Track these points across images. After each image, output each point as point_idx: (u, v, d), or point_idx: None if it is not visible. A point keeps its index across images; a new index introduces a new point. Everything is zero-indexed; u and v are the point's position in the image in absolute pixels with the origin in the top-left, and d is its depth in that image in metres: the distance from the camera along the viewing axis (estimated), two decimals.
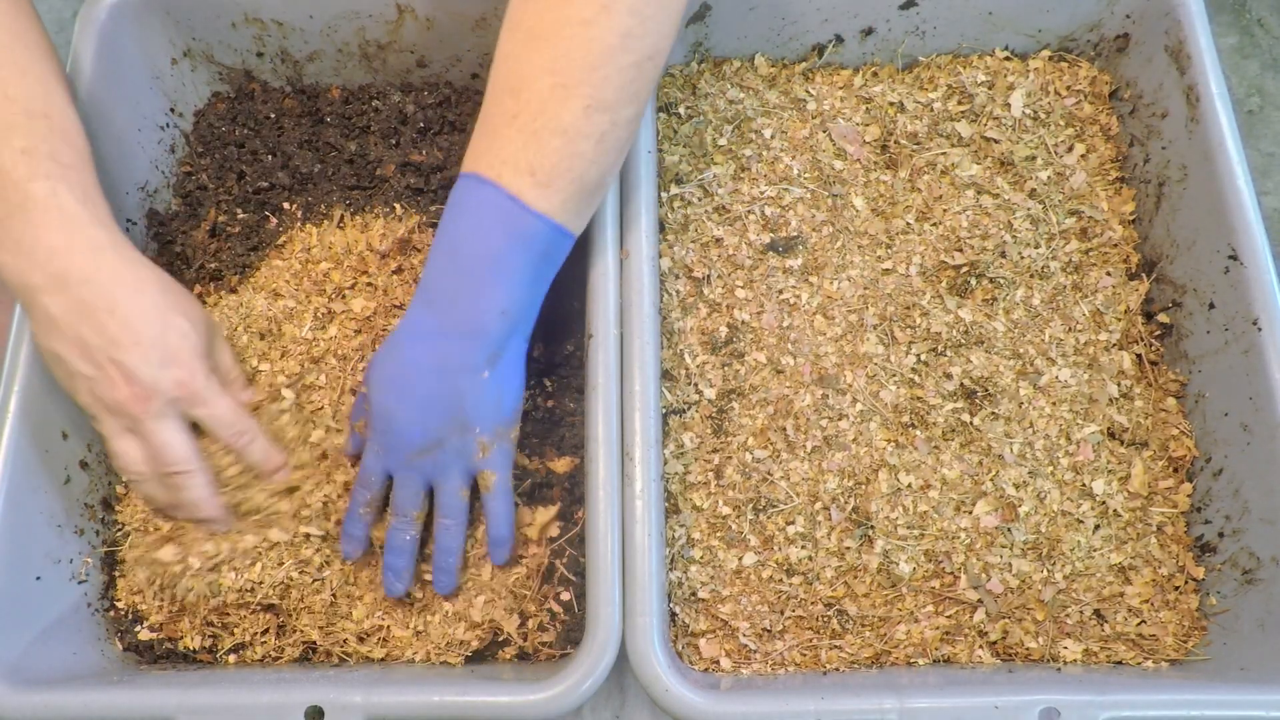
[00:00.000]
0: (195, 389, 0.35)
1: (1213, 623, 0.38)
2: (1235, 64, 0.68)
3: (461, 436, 0.35)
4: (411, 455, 0.35)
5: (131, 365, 0.33)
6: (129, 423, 0.35)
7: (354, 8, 0.45)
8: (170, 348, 0.34)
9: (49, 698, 0.34)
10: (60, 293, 0.33)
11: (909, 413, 0.41)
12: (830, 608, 0.38)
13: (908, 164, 0.46)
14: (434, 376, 0.34)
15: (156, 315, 0.34)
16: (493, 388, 0.35)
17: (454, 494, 0.36)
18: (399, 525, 0.37)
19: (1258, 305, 0.38)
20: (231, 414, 0.36)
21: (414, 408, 0.35)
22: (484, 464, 0.36)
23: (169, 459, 0.35)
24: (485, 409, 0.35)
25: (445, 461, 0.36)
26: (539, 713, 0.32)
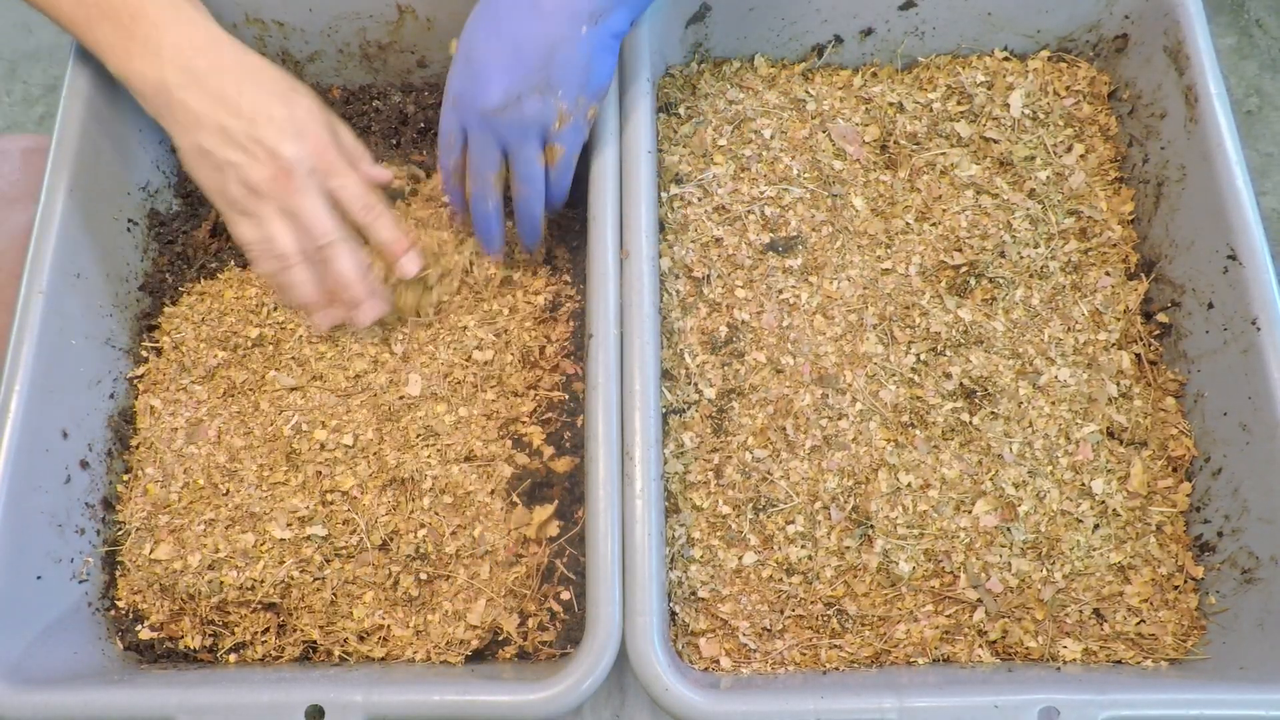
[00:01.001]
0: (330, 159, 0.36)
1: (1212, 622, 0.38)
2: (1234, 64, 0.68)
3: (542, 99, 0.34)
4: (488, 113, 0.34)
5: (272, 141, 0.35)
6: (277, 203, 0.36)
7: (355, 8, 0.45)
8: (302, 124, 0.36)
9: (49, 697, 0.34)
10: (195, 86, 0.35)
11: (908, 412, 0.41)
12: (830, 607, 0.38)
13: (907, 164, 0.46)
14: (528, 22, 0.33)
15: (283, 97, 0.36)
16: (585, 49, 0.34)
17: (531, 160, 0.36)
18: (479, 190, 0.37)
19: (1256, 305, 0.38)
20: (361, 187, 0.37)
21: (501, 51, 0.33)
22: (557, 136, 0.35)
23: (319, 229, 0.36)
24: (573, 70, 0.34)
25: (522, 123, 0.34)
26: (539, 712, 0.32)
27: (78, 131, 0.42)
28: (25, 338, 0.38)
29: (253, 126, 0.35)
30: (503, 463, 0.40)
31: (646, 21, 0.44)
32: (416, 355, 0.42)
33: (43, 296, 0.39)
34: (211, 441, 0.42)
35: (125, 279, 0.44)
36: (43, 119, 1.02)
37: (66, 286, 0.40)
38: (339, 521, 0.40)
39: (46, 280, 0.39)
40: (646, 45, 0.43)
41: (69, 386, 0.40)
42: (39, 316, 0.39)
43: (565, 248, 0.45)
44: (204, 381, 0.43)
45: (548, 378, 0.42)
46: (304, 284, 0.37)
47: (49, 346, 0.39)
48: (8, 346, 0.38)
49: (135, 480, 0.42)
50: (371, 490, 0.40)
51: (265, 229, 0.36)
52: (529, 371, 0.42)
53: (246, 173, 0.35)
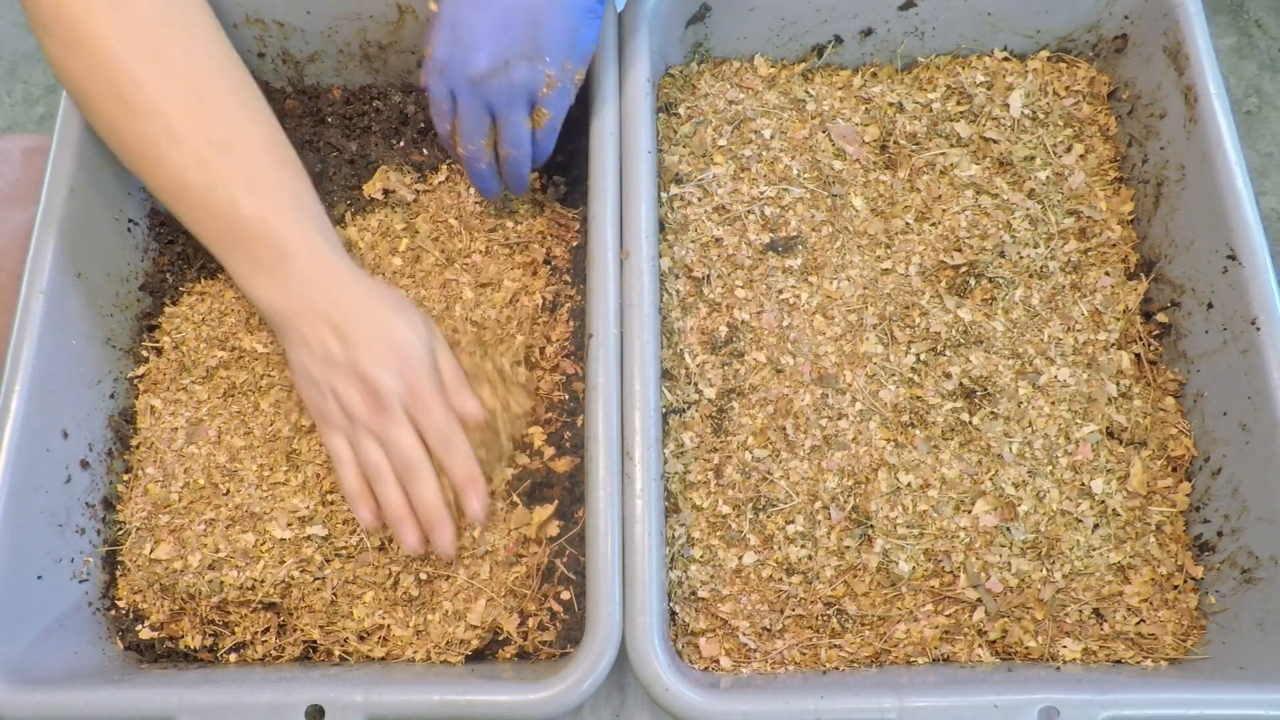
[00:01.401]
0: (421, 394, 0.37)
1: (1212, 622, 0.38)
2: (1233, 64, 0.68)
3: (530, 64, 0.35)
4: (475, 76, 0.35)
5: (368, 369, 0.36)
6: (370, 427, 0.37)
7: (355, 9, 0.45)
8: (399, 350, 0.37)
9: (50, 697, 0.34)
10: (312, 315, 0.37)
11: (908, 412, 0.41)
12: (830, 607, 0.38)
13: (907, 164, 0.46)
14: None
15: (386, 324, 0.37)
16: (571, 15, 0.34)
17: (519, 125, 0.36)
18: (472, 153, 0.38)
19: (1256, 305, 0.38)
20: (444, 420, 0.37)
21: (488, 18, 0.34)
22: (544, 101, 0.36)
23: (404, 458, 0.37)
24: (560, 36, 0.34)
25: (511, 88, 0.35)
26: (539, 712, 0.32)
27: (78, 131, 0.42)
28: (26, 337, 0.38)
29: (352, 353, 0.36)
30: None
31: (646, 22, 0.44)
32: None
33: (43, 296, 0.39)
34: (212, 441, 0.42)
35: (126, 279, 0.44)
36: (43, 119, 1.02)
37: (67, 286, 0.40)
38: (339, 521, 0.40)
39: (47, 280, 0.39)
40: (646, 45, 0.43)
41: (69, 386, 0.40)
42: (39, 316, 0.39)
43: (565, 247, 0.45)
44: (204, 381, 0.43)
45: (548, 378, 0.42)
46: (390, 496, 0.38)
47: (49, 346, 0.39)
48: (8, 346, 0.38)
49: (135, 480, 0.42)
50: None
51: (358, 446, 0.38)
52: (529, 371, 0.42)
53: (343, 397, 0.36)
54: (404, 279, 0.44)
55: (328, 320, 0.36)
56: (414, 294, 0.43)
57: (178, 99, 0.36)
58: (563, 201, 0.46)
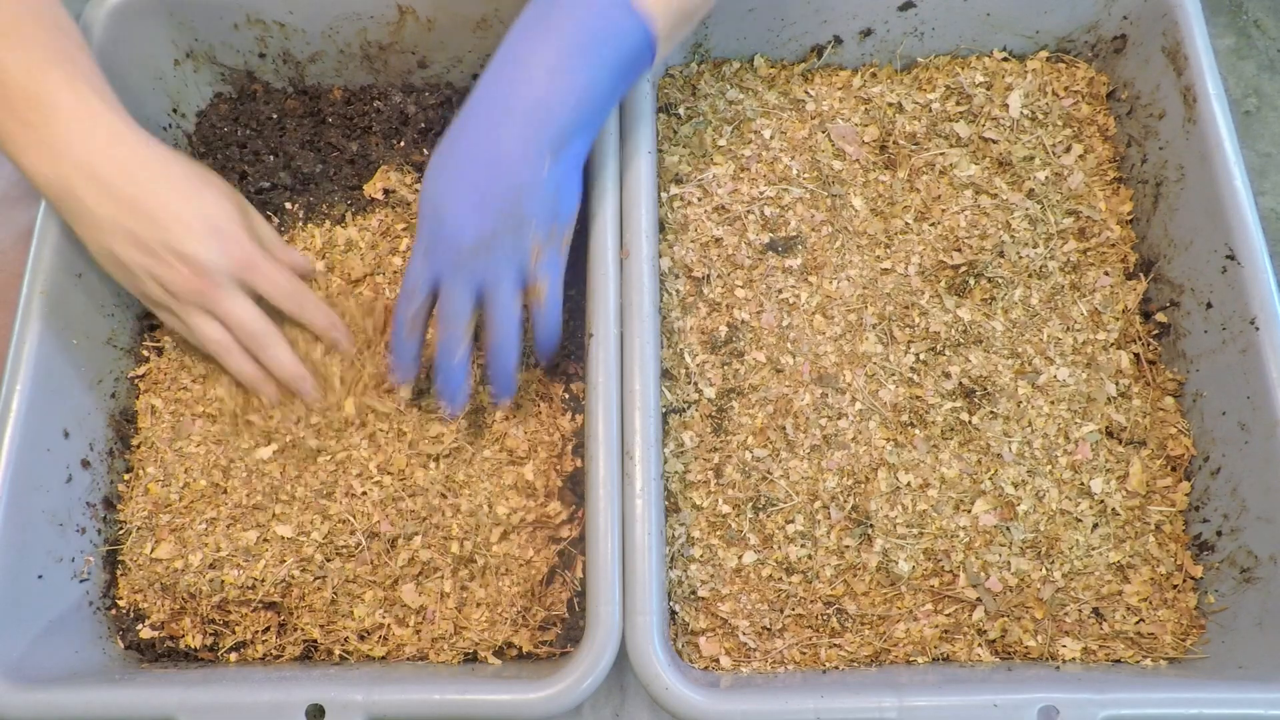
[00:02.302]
0: (250, 259, 0.35)
1: (1211, 621, 0.38)
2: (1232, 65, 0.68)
3: (516, 234, 0.33)
4: (462, 254, 0.33)
5: (187, 249, 0.34)
6: (201, 305, 0.35)
7: (356, 9, 0.45)
8: (215, 224, 0.35)
9: (50, 696, 0.34)
10: (103, 193, 0.33)
11: (908, 412, 0.41)
12: (830, 606, 0.38)
13: (906, 164, 0.46)
14: (491, 166, 0.33)
15: (194, 195, 0.35)
16: (551, 182, 0.33)
17: (507, 302, 0.34)
18: (449, 340, 0.35)
19: (1255, 305, 0.38)
20: (287, 280, 0.37)
21: (466, 199, 0.33)
22: (536, 270, 0.34)
23: (247, 329, 0.36)
24: (543, 204, 0.33)
25: (497, 264, 0.33)
26: (539, 711, 0.32)
27: None
28: (27, 337, 0.38)
29: (164, 231, 0.33)
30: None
31: None
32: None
33: (44, 296, 0.39)
34: (212, 441, 0.42)
35: None
36: None
37: (68, 286, 0.40)
38: (339, 520, 0.40)
39: (48, 279, 0.39)
40: None
41: (70, 386, 0.40)
42: (41, 316, 0.39)
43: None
44: (204, 381, 0.43)
45: (547, 378, 0.42)
46: (242, 368, 0.37)
47: (50, 346, 0.39)
48: (9, 346, 0.38)
49: (136, 479, 0.42)
50: (372, 488, 0.40)
51: (192, 326, 0.36)
52: (528, 372, 0.42)
53: (163, 279, 0.34)
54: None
55: (121, 194, 0.33)
56: None
57: None
58: None
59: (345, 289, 0.41)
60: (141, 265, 0.34)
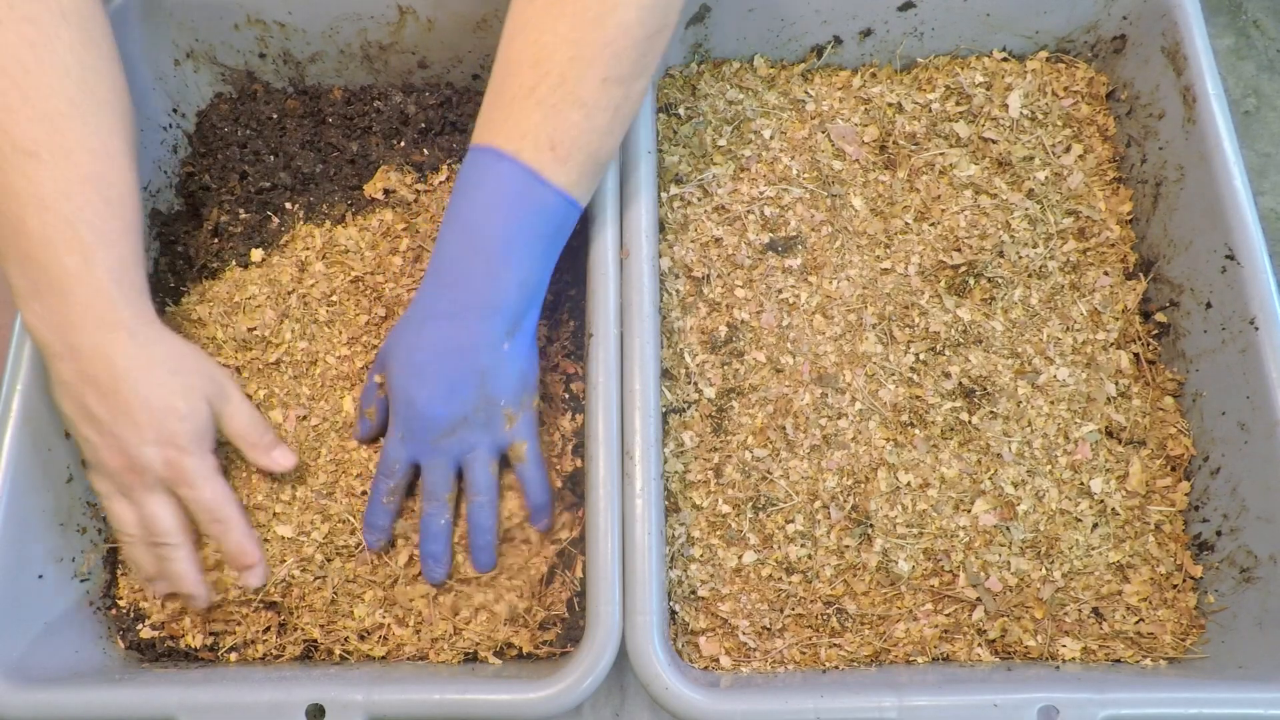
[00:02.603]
0: (183, 471, 0.36)
1: (1211, 621, 0.38)
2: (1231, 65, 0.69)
3: (487, 411, 0.36)
4: (438, 438, 0.36)
5: (127, 441, 0.35)
6: (123, 488, 0.36)
7: (356, 9, 0.45)
8: (166, 430, 0.35)
9: (51, 696, 0.34)
10: (72, 361, 0.34)
11: (908, 411, 0.41)
12: (830, 606, 0.38)
13: (906, 164, 0.46)
14: (455, 356, 0.35)
15: (158, 398, 0.35)
16: (513, 360, 0.36)
17: (484, 471, 0.36)
18: (432, 511, 0.37)
19: (1255, 305, 0.38)
20: (213, 501, 0.37)
21: (437, 389, 0.35)
22: (512, 435, 0.37)
23: (156, 529, 0.36)
24: (508, 381, 0.36)
25: (473, 439, 0.36)
26: (539, 711, 0.32)
27: None
28: (28, 338, 0.38)
29: (113, 422, 0.34)
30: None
31: None
32: None
33: None
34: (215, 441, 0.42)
35: None
36: None
37: None
38: (340, 520, 0.40)
39: None
40: None
41: None
42: None
43: (565, 247, 0.45)
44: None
45: (547, 377, 0.42)
46: (139, 562, 0.37)
47: None
48: (10, 346, 0.38)
49: None
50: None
51: (109, 504, 0.37)
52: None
53: (97, 454, 0.35)
54: (404, 278, 0.44)
55: (89, 376, 0.34)
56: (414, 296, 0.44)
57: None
58: None
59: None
60: (84, 435, 0.35)
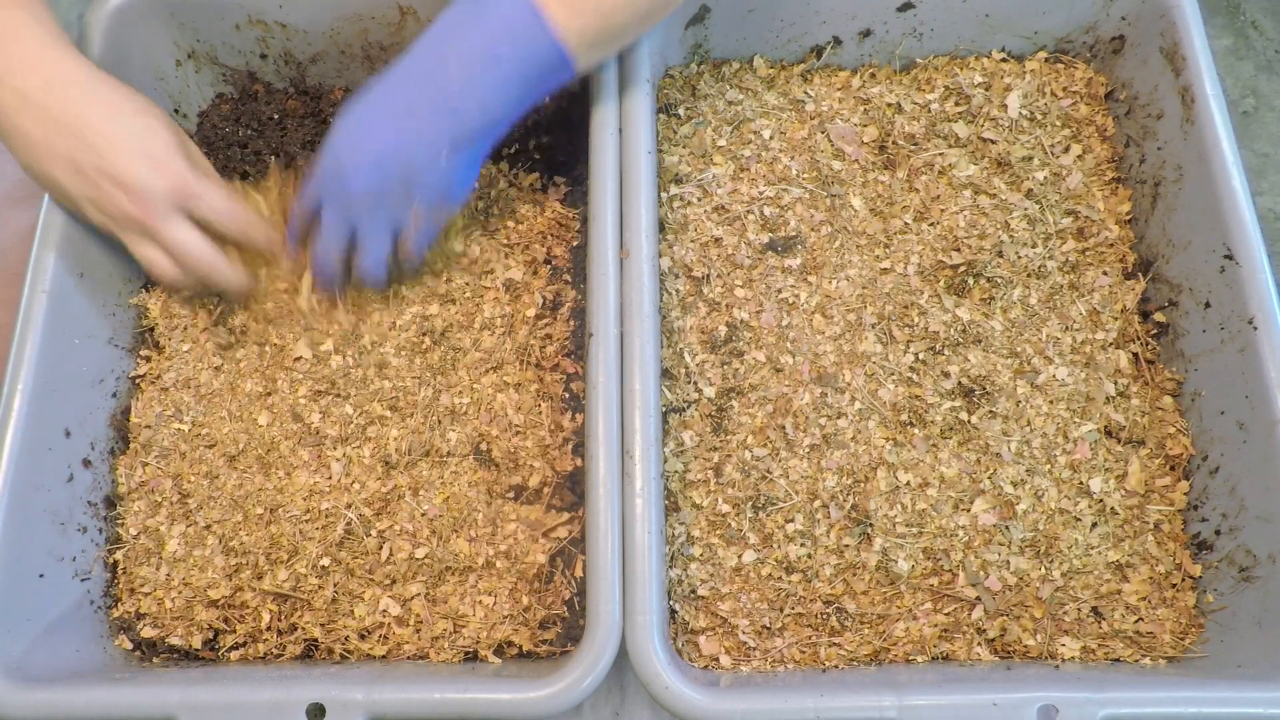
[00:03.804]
0: (188, 186, 0.36)
1: (1210, 620, 0.38)
2: (1230, 65, 0.69)
3: (401, 201, 0.36)
4: (349, 199, 0.36)
5: (122, 174, 0.34)
6: (141, 232, 0.36)
7: (357, 10, 0.45)
8: (152, 150, 0.35)
9: (51, 695, 0.34)
10: (38, 114, 0.33)
11: (907, 411, 0.41)
12: (829, 605, 0.38)
13: (905, 164, 0.46)
14: (397, 141, 0.35)
15: (130, 121, 0.35)
16: (445, 173, 0.36)
17: (378, 250, 0.38)
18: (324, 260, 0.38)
19: (1253, 304, 0.38)
20: (226, 204, 0.37)
21: (367, 157, 0.35)
22: (413, 232, 0.37)
23: (189, 257, 0.36)
24: (432, 187, 0.36)
25: (376, 215, 0.36)
26: (539, 710, 0.32)
27: None
28: (28, 337, 0.38)
29: (99, 157, 0.33)
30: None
31: None
32: (419, 365, 0.42)
33: (46, 296, 0.39)
34: (213, 441, 0.42)
35: (128, 278, 0.44)
36: None
37: (69, 286, 0.40)
38: (340, 520, 0.40)
39: (50, 279, 0.39)
40: (646, 47, 0.43)
41: (72, 385, 0.40)
42: (42, 316, 0.39)
43: (565, 247, 0.45)
44: (206, 381, 0.43)
45: (548, 377, 0.42)
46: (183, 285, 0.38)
47: (52, 345, 0.39)
48: (11, 345, 0.38)
49: (137, 479, 0.42)
50: (373, 489, 0.40)
51: (136, 252, 0.37)
52: (529, 371, 0.42)
53: (102, 206, 0.35)
54: None
55: (57, 117, 0.33)
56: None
57: None
58: (563, 201, 0.46)
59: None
60: (80, 191, 0.35)
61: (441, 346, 0.42)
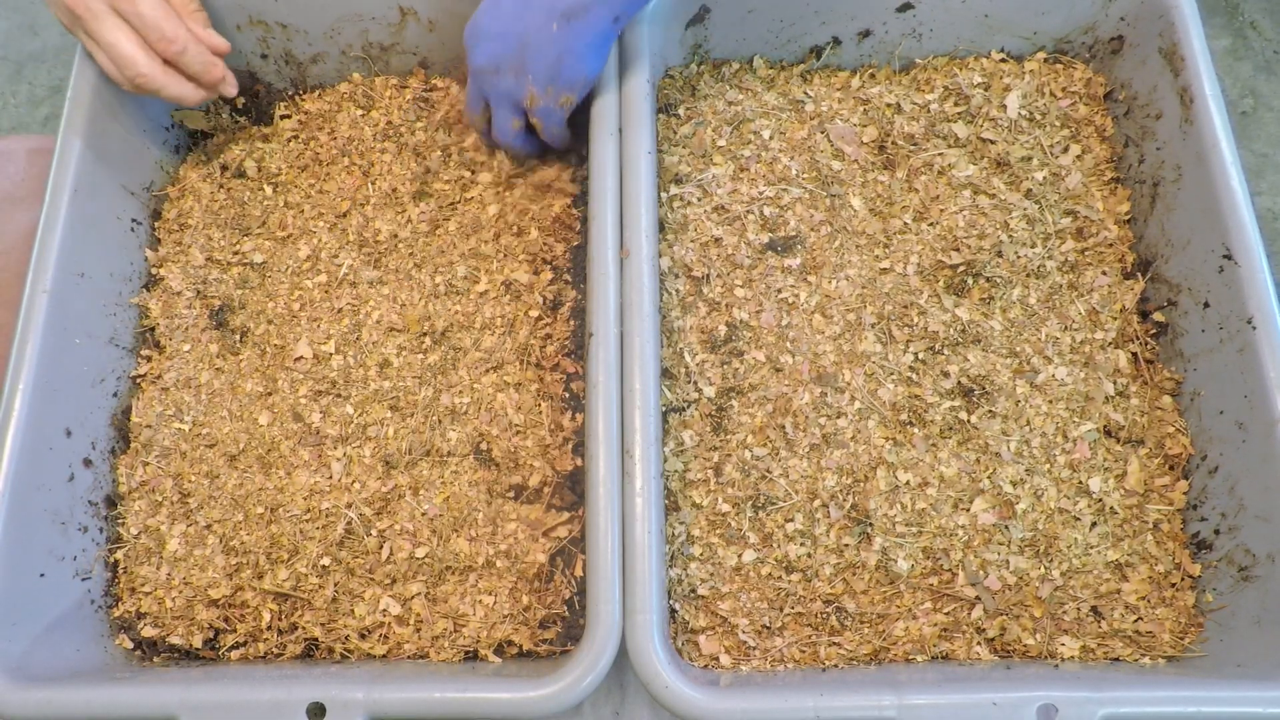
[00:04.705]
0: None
1: (1209, 619, 0.38)
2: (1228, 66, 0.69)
3: (516, 76, 0.39)
4: (475, 72, 0.40)
5: None
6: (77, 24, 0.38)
7: (357, 10, 0.45)
8: None
9: (52, 695, 0.34)
10: None
11: (907, 411, 0.41)
12: (829, 605, 0.38)
13: (905, 164, 0.46)
14: (514, 16, 0.38)
15: None
16: (556, 44, 0.38)
17: (505, 122, 0.41)
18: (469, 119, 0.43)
19: (1252, 304, 0.38)
20: (159, 17, 0.38)
21: (488, 31, 0.39)
22: (533, 113, 0.40)
23: (120, 60, 0.38)
24: (541, 60, 0.38)
25: (498, 89, 0.40)
26: (539, 709, 0.32)
27: (82, 132, 0.42)
28: (29, 336, 0.38)
29: None
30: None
31: (646, 24, 0.44)
32: (419, 364, 0.42)
33: (47, 295, 0.39)
34: (214, 441, 0.42)
35: (129, 278, 0.45)
36: (48, 120, 1.02)
37: (70, 286, 0.40)
38: (340, 520, 0.40)
39: (51, 279, 0.40)
40: (646, 47, 0.43)
41: (72, 385, 0.40)
42: (43, 315, 0.39)
43: (565, 246, 0.45)
44: (207, 381, 0.43)
45: (548, 376, 0.42)
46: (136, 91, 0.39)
47: (53, 345, 0.39)
48: (12, 345, 0.38)
49: (138, 478, 0.42)
50: (373, 488, 0.40)
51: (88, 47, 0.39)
52: (529, 370, 0.42)
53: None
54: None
55: None
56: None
57: None
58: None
59: None
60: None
61: (442, 346, 0.42)
